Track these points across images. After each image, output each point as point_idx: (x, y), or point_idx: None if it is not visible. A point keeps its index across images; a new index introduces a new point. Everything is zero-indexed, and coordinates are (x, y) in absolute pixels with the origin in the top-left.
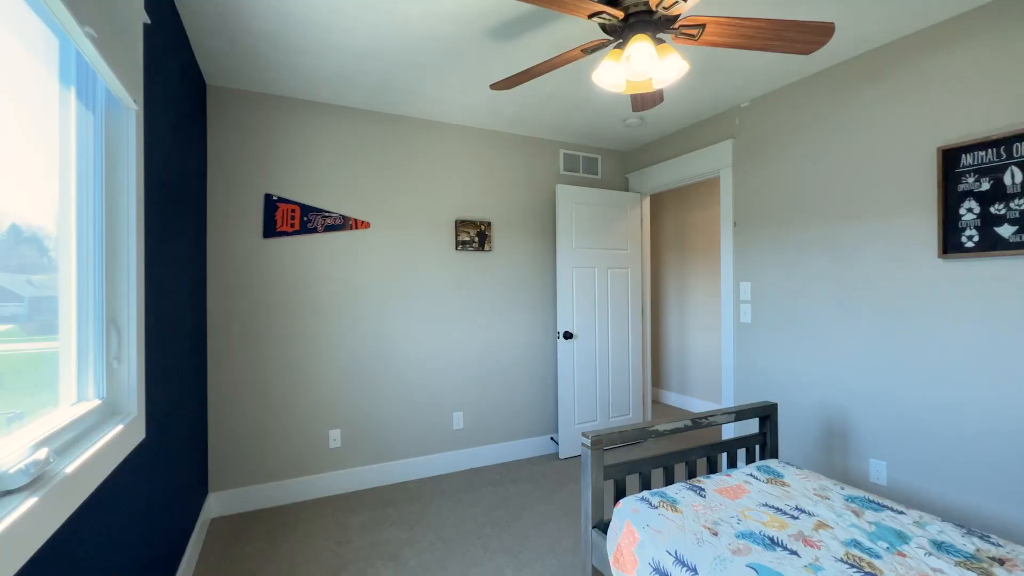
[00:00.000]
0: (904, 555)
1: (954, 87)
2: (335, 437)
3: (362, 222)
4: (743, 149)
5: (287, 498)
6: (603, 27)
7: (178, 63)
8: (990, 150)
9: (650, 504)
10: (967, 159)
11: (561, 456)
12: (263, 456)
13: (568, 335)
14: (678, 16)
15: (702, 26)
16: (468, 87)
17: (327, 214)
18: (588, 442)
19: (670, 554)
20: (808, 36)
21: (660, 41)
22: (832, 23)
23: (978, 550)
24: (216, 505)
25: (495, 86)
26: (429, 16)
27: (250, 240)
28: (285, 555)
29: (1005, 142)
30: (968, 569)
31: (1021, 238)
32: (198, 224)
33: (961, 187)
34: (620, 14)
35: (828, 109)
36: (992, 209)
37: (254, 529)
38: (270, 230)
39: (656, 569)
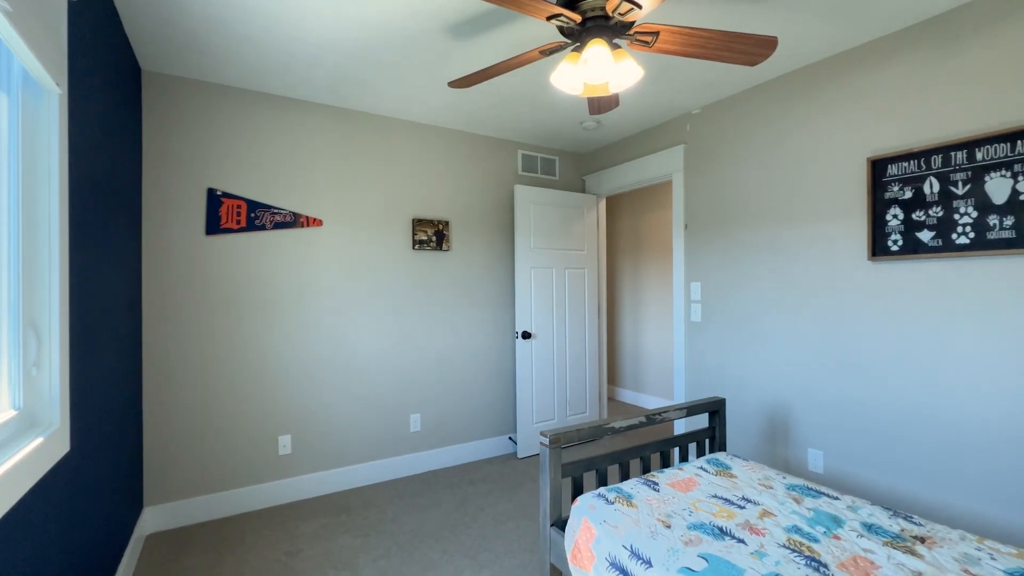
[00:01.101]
0: (839, 538)
1: (883, 102)
2: (285, 443)
3: (314, 219)
4: (694, 154)
5: (233, 509)
6: (561, 30)
7: (109, 45)
8: (912, 161)
9: (606, 500)
10: (893, 169)
11: (519, 455)
12: (206, 466)
13: (526, 335)
14: (633, 23)
15: (656, 33)
16: (426, 84)
17: (276, 211)
18: (547, 441)
19: (626, 548)
20: (754, 48)
21: (616, 46)
22: (775, 37)
23: (903, 530)
24: (152, 520)
25: (453, 84)
26: (386, 10)
27: (191, 237)
28: (230, 569)
29: (925, 154)
30: (894, 548)
31: (938, 243)
32: (133, 219)
33: (888, 195)
34: (578, 18)
35: (771, 118)
36: (914, 216)
37: (196, 543)
38: (213, 227)
39: (613, 564)
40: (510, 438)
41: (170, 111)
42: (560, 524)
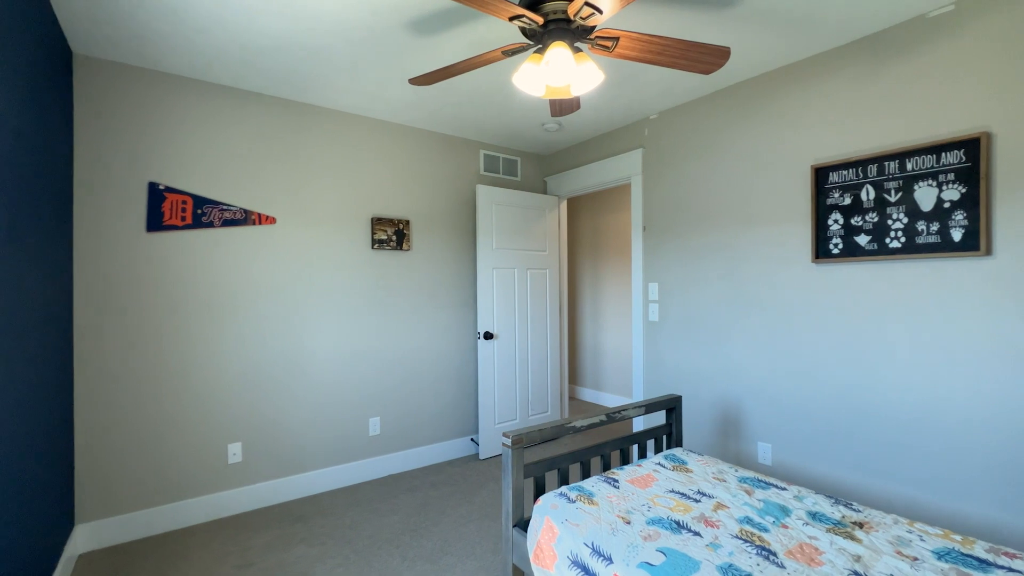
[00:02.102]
0: (787, 527)
1: (825, 113)
2: (235, 451)
3: (267, 217)
4: (651, 158)
5: (178, 523)
6: (523, 31)
7: (34, 25)
8: (851, 170)
9: (568, 499)
10: (834, 177)
11: (481, 457)
12: (147, 477)
13: (488, 335)
14: (594, 27)
15: (616, 39)
16: (386, 80)
17: (226, 207)
18: (509, 442)
19: (587, 546)
20: (708, 57)
21: (578, 50)
22: (728, 48)
23: (843, 516)
24: (86, 538)
25: (414, 81)
26: (345, 3)
27: (131, 234)
28: None
29: (862, 163)
30: (836, 534)
31: (874, 246)
32: (62, 213)
33: (829, 201)
34: (540, 20)
35: (724, 125)
36: (853, 221)
37: (135, 561)
38: (156, 223)
39: (575, 562)
40: (472, 439)
41: (106, 98)
42: (522, 524)
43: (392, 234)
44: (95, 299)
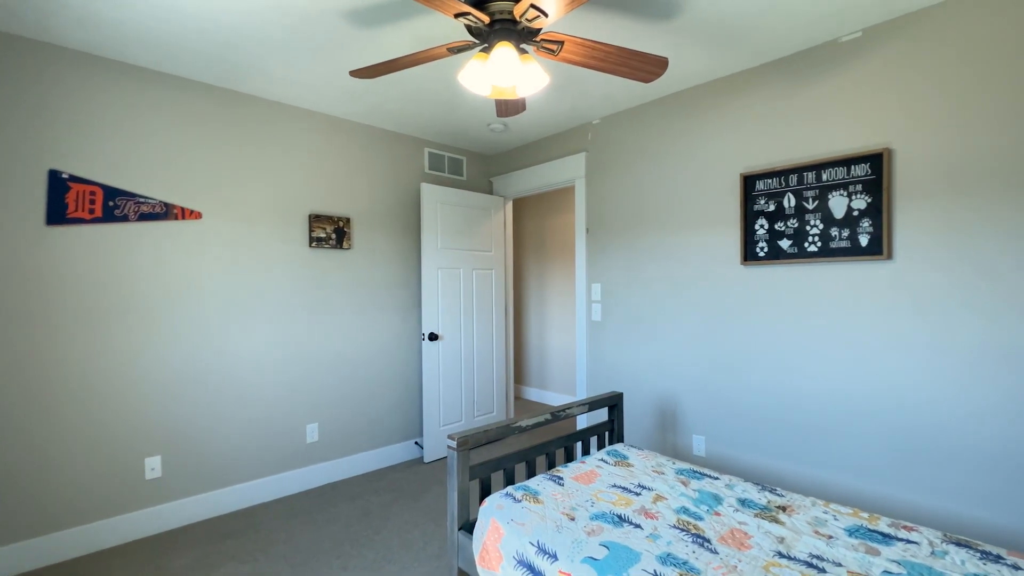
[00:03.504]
0: (719, 514)
1: (752, 124)
2: (153, 466)
3: (191, 211)
4: (594, 162)
5: (88, 547)
6: (469, 29)
7: None
8: (775, 178)
9: (514, 499)
10: (760, 185)
11: (426, 460)
12: (52, 499)
13: (433, 336)
14: (540, 30)
15: (561, 43)
16: (325, 72)
17: (143, 200)
18: (454, 444)
19: (533, 544)
20: (648, 66)
21: (523, 51)
22: (666, 58)
23: (769, 501)
24: None
25: (355, 73)
26: None
27: (26, 227)
28: None
29: (785, 173)
30: (763, 519)
31: (795, 250)
32: None
33: (756, 207)
34: (486, 19)
35: (662, 132)
36: (776, 226)
37: None
38: (57, 216)
39: (521, 562)
40: (416, 443)
41: None
42: (468, 527)
43: (331, 232)
44: None
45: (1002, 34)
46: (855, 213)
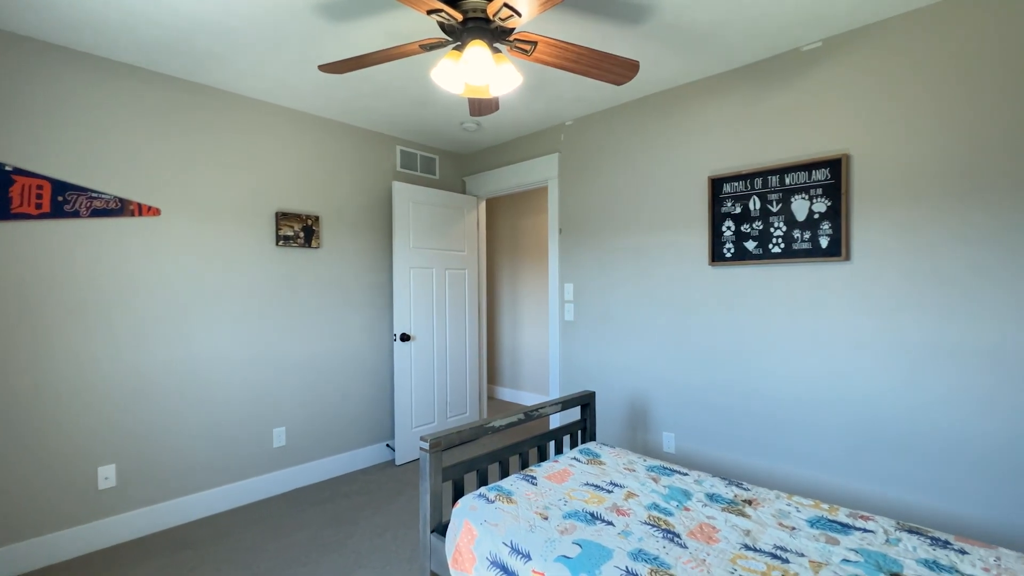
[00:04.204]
0: (689, 509)
1: (720, 128)
2: (108, 475)
3: (149, 207)
4: (567, 163)
5: (38, 561)
6: (442, 26)
7: None
8: (741, 182)
9: (487, 499)
10: (727, 187)
11: (398, 463)
12: None
13: (405, 337)
14: (513, 29)
15: (534, 43)
16: (294, 66)
17: (96, 195)
18: (427, 445)
19: (506, 545)
20: (619, 69)
21: (497, 50)
22: (637, 61)
23: (736, 496)
24: None
25: (324, 68)
26: None
27: None
28: None
29: (750, 176)
30: (730, 512)
31: (760, 251)
32: None
33: (723, 209)
34: (459, 16)
35: (634, 134)
36: (743, 228)
37: None
38: (1, 211)
39: (494, 562)
40: (388, 445)
41: None
42: (441, 530)
43: (300, 230)
44: None
45: (951, 47)
46: (816, 216)
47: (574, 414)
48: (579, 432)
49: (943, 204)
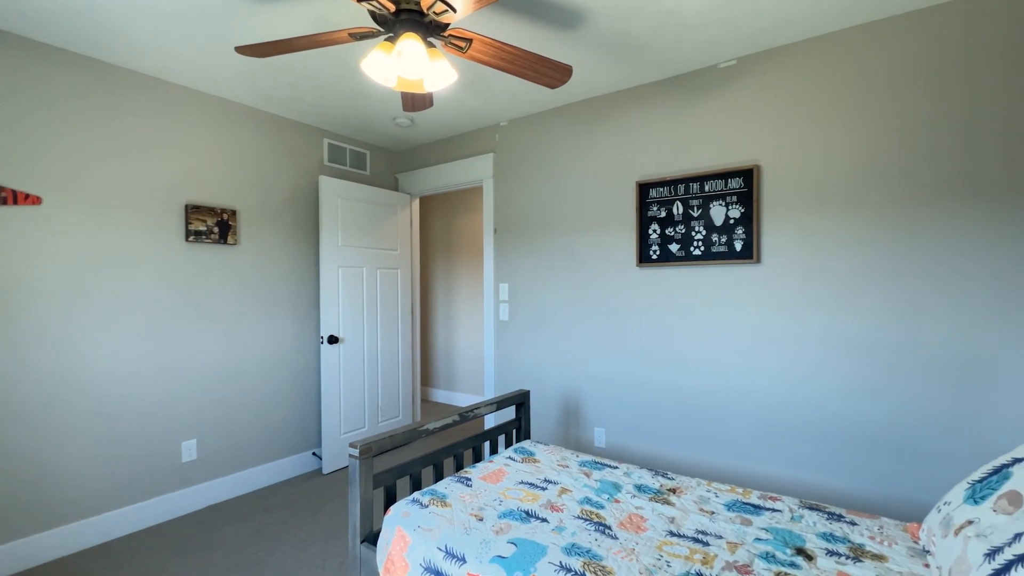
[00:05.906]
0: (619, 501)
1: (648, 135)
2: None
3: (27, 195)
4: (502, 163)
5: None
6: (374, 16)
7: None
8: (666, 187)
9: (420, 504)
10: (653, 192)
11: (325, 471)
12: None
13: (333, 339)
14: (448, 25)
15: (470, 40)
16: (208, 46)
17: None
18: (356, 452)
19: (441, 549)
20: (553, 72)
21: (431, 45)
22: (571, 66)
23: (662, 485)
24: None
25: (241, 50)
26: None
27: None
28: None
29: (674, 182)
30: (656, 502)
31: (682, 254)
32: None
33: (650, 213)
34: (391, 7)
35: (567, 138)
36: (667, 231)
37: None
38: None
39: (428, 568)
40: (314, 453)
41: None
42: (372, 539)
43: (213, 225)
44: None
45: (851, 69)
46: (731, 221)
47: (509, 414)
48: (514, 431)
49: (839, 212)
